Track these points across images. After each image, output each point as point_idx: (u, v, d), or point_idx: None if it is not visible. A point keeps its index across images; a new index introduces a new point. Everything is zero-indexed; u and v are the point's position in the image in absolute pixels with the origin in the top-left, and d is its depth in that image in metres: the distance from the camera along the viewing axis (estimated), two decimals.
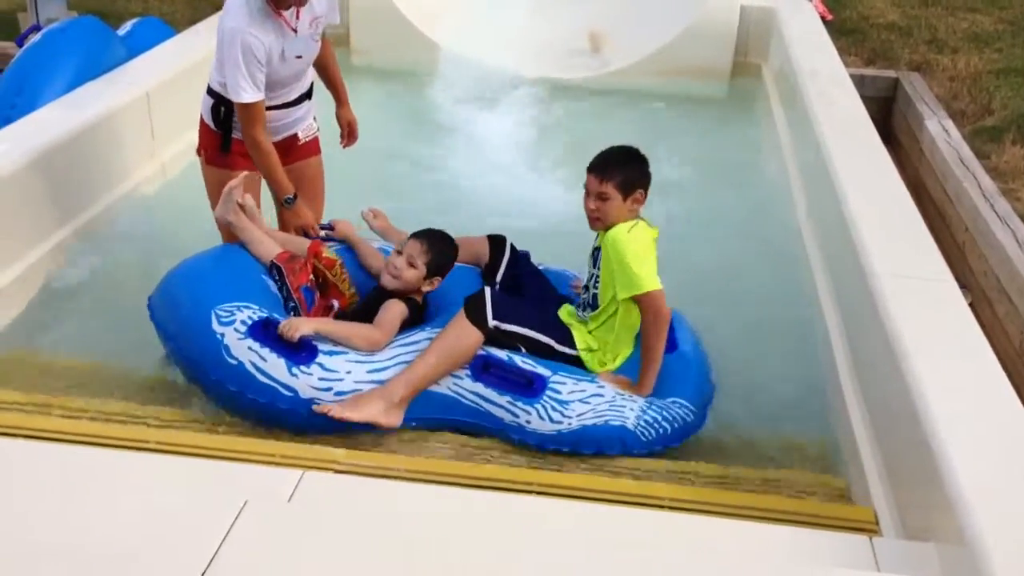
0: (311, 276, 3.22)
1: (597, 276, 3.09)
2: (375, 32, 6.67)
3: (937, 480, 2.26)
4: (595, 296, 3.12)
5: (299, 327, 2.92)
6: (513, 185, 5.03)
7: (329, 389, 2.90)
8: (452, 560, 1.99)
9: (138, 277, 3.70)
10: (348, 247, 3.43)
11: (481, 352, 3.00)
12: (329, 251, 3.31)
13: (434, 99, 6.08)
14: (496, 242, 3.43)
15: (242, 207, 3.27)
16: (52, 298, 3.83)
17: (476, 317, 2.97)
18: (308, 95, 3.60)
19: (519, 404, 2.94)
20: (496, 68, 6.27)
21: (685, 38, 6.45)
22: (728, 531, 2.36)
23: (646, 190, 3.08)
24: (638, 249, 2.98)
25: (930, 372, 2.55)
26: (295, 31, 3.31)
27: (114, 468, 2.48)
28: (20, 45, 5.08)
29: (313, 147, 3.71)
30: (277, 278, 3.18)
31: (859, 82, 5.23)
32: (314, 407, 2.89)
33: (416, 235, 3.21)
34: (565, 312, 3.24)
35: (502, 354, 3.01)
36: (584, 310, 3.19)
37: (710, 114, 6.14)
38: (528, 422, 2.94)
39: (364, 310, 3.19)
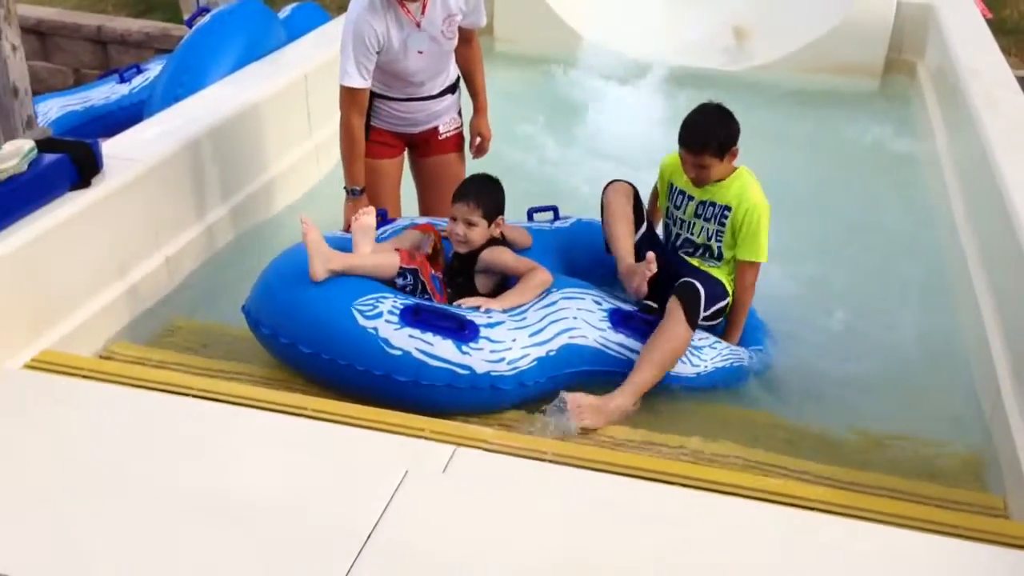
0: (429, 266, 3.27)
1: (719, 232, 3.28)
2: (518, 19, 6.70)
3: None
4: (719, 248, 3.31)
5: (496, 304, 3.08)
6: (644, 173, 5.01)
7: (502, 360, 2.96)
8: (599, 546, 2.02)
9: None
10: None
11: (616, 306, 3.19)
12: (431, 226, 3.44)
13: (573, 86, 6.09)
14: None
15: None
16: (212, 269, 4.01)
17: (692, 318, 3.09)
18: (452, 89, 3.64)
19: None
20: (638, 59, 6.24)
21: (837, 34, 6.26)
22: (883, 538, 2.30)
23: (737, 142, 3.23)
24: (768, 222, 3.26)
25: None
26: (418, 25, 3.33)
27: (278, 431, 2.59)
28: (190, 26, 5.34)
29: (453, 142, 3.73)
30: (411, 280, 3.17)
31: (1019, 83, 4.98)
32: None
33: (458, 196, 3.22)
34: (694, 262, 3.37)
35: (628, 307, 3.24)
36: (704, 259, 3.36)
37: (860, 112, 5.94)
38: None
39: (457, 276, 3.25)
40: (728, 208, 3.24)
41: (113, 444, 2.28)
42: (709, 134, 3.17)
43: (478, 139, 3.77)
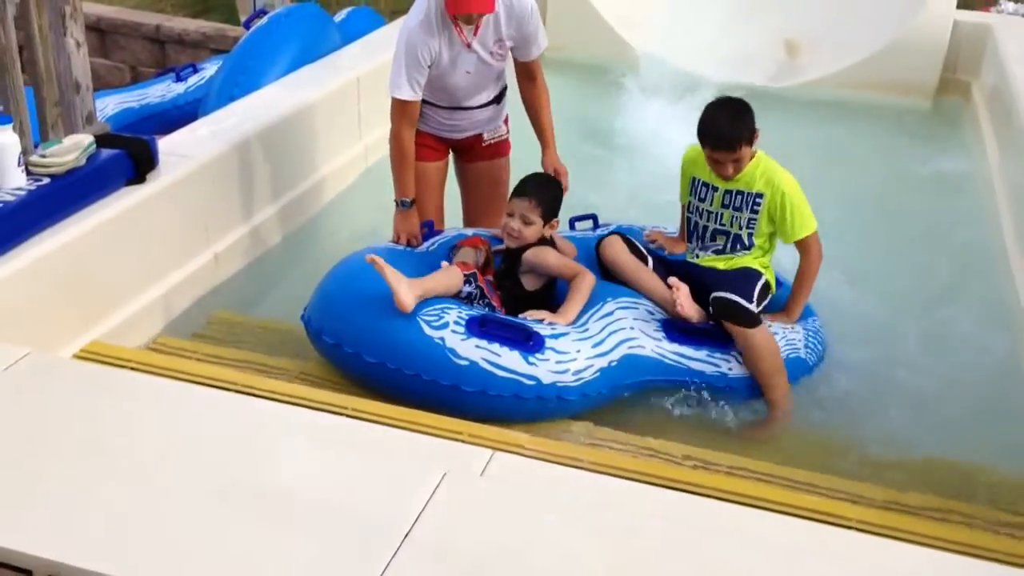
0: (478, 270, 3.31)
1: (752, 220, 3.29)
2: (569, 27, 6.70)
3: None
4: (750, 235, 3.32)
5: (559, 319, 3.11)
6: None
7: (567, 371, 2.98)
8: (636, 556, 2.02)
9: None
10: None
11: (666, 317, 3.23)
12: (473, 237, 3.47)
13: (620, 96, 6.09)
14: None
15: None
16: (260, 266, 4.08)
17: (751, 322, 3.16)
18: (497, 100, 3.66)
19: (717, 355, 3.20)
20: (688, 72, 6.22)
21: (890, 52, 6.19)
22: (925, 561, 2.26)
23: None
24: (802, 192, 3.27)
25: None
26: (468, 46, 3.37)
27: (318, 428, 2.62)
28: (247, 28, 5.43)
29: (498, 149, 3.74)
30: (475, 285, 3.22)
31: None
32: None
33: (518, 192, 3.29)
34: (721, 262, 3.36)
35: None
36: (734, 250, 3.35)
37: (911, 131, 5.88)
38: (730, 369, 3.20)
39: (504, 280, 3.30)
40: (760, 195, 3.25)
41: (156, 436, 2.32)
42: (739, 128, 3.19)
43: (554, 174, 3.66)
